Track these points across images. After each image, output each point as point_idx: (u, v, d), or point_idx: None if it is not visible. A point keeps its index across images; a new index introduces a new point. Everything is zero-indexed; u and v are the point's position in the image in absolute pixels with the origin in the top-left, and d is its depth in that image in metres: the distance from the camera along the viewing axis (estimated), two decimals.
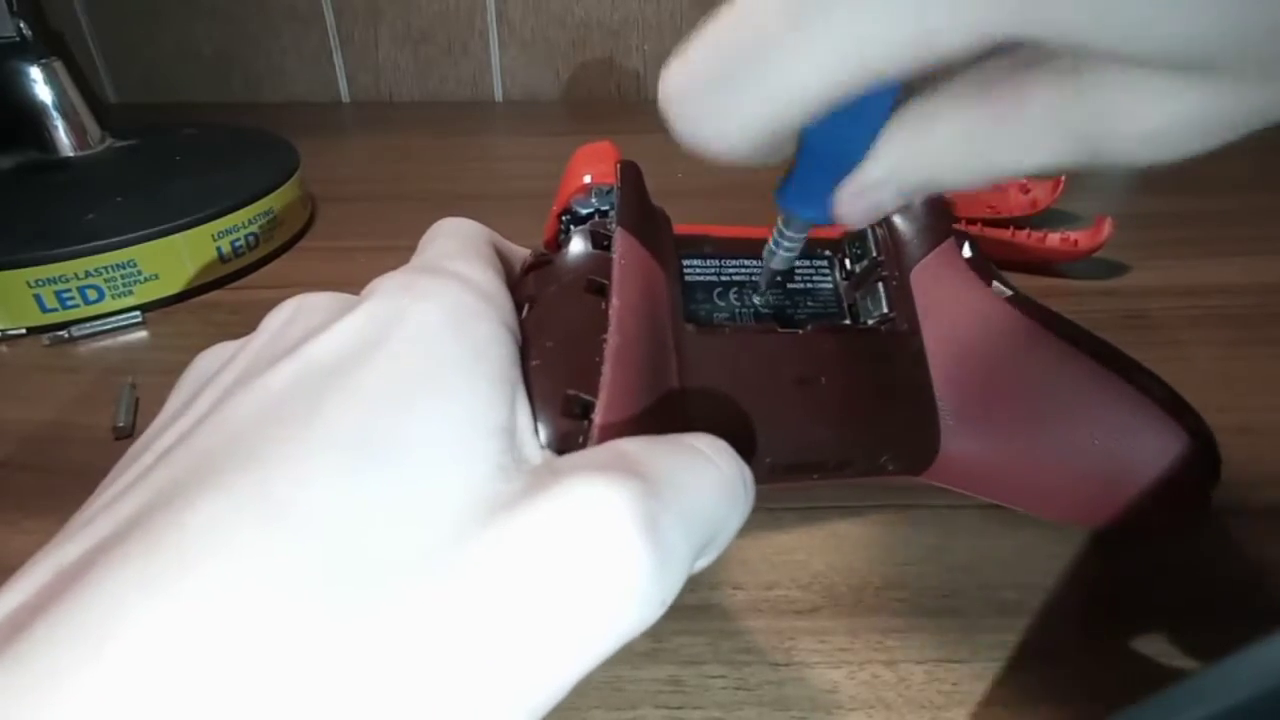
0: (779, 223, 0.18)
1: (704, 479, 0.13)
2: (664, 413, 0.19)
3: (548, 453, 0.14)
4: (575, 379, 0.16)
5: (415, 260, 0.16)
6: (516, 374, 0.14)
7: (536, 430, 0.15)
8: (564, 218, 0.20)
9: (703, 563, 0.13)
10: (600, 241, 0.19)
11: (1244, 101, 0.10)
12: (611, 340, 0.17)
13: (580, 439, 0.15)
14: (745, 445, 0.21)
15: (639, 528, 0.11)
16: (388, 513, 0.11)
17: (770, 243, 0.19)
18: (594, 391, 0.16)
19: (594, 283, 0.18)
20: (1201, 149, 0.10)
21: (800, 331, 0.22)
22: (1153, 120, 0.10)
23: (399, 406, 0.12)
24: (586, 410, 0.16)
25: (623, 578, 0.11)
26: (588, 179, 0.20)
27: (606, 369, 0.16)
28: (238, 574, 0.10)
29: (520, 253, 0.20)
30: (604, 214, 0.20)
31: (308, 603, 0.10)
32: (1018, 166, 0.12)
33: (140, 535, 0.10)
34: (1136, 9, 0.08)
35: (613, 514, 0.11)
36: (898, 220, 0.24)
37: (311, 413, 0.11)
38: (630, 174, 0.21)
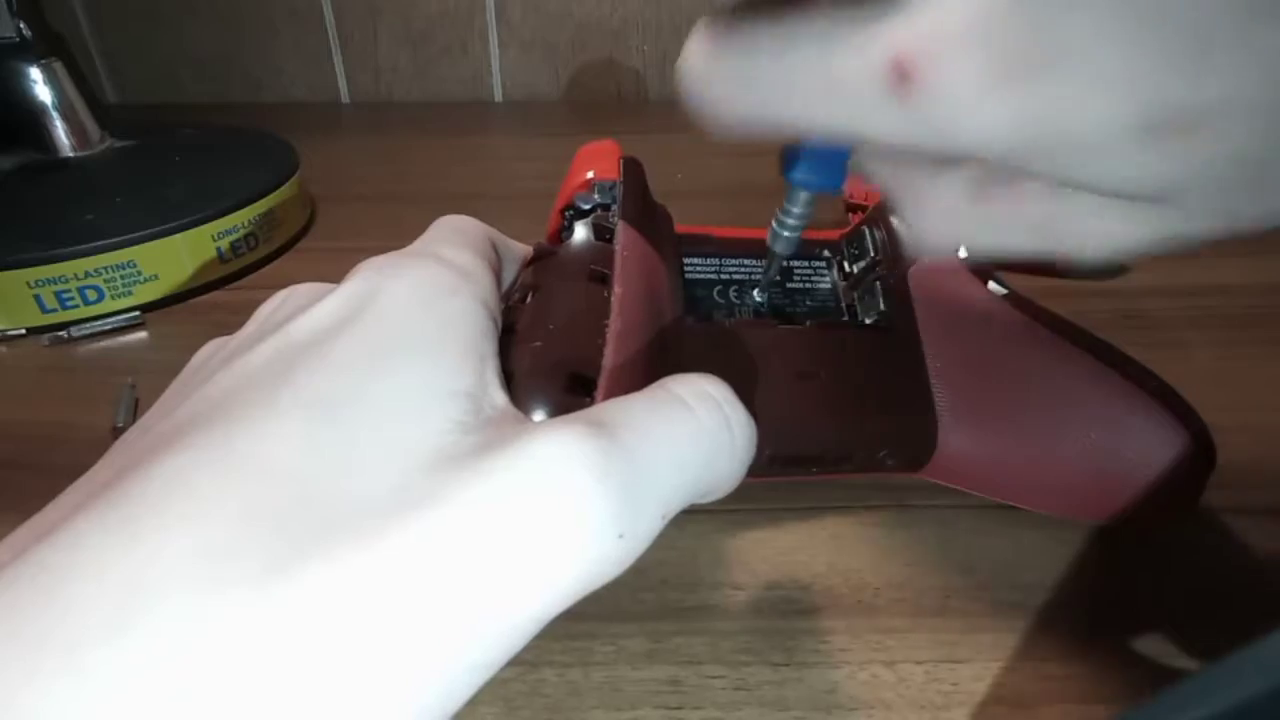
0: (783, 203, 0.18)
1: (677, 424, 0.13)
2: None
3: (524, 418, 0.14)
4: (578, 360, 0.16)
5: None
6: (489, 347, 0.14)
7: (533, 407, 0.15)
8: (567, 213, 0.20)
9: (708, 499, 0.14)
10: (603, 234, 0.19)
11: (1192, 229, 0.11)
12: (614, 324, 0.17)
13: None
14: None
15: (585, 464, 0.11)
16: (343, 464, 0.11)
17: (774, 224, 0.19)
18: (596, 372, 0.16)
19: (596, 272, 0.18)
20: (1153, 254, 0.12)
21: (801, 327, 0.22)
22: (1116, 237, 0.12)
23: (363, 371, 0.12)
24: (589, 388, 0.16)
25: (570, 513, 0.11)
26: (590, 175, 0.21)
27: (609, 351, 0.17)
28: (194, 519, 0.10)
29: (520, 249, 0.20)
30: (606, 208, 0.20)
31: (258, 545, 0.10)
32: (990, 247, 0.13)
33: (108, 491, 0.11)
34: (1104, 167, 0.10)
35: (559, 453, 0.11)
36: (896, 220, 0.24)
37: (280, 380, 0.12)
38: (633, 169, 0.21)
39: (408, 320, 0.13)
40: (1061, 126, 0.10)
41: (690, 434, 0.13)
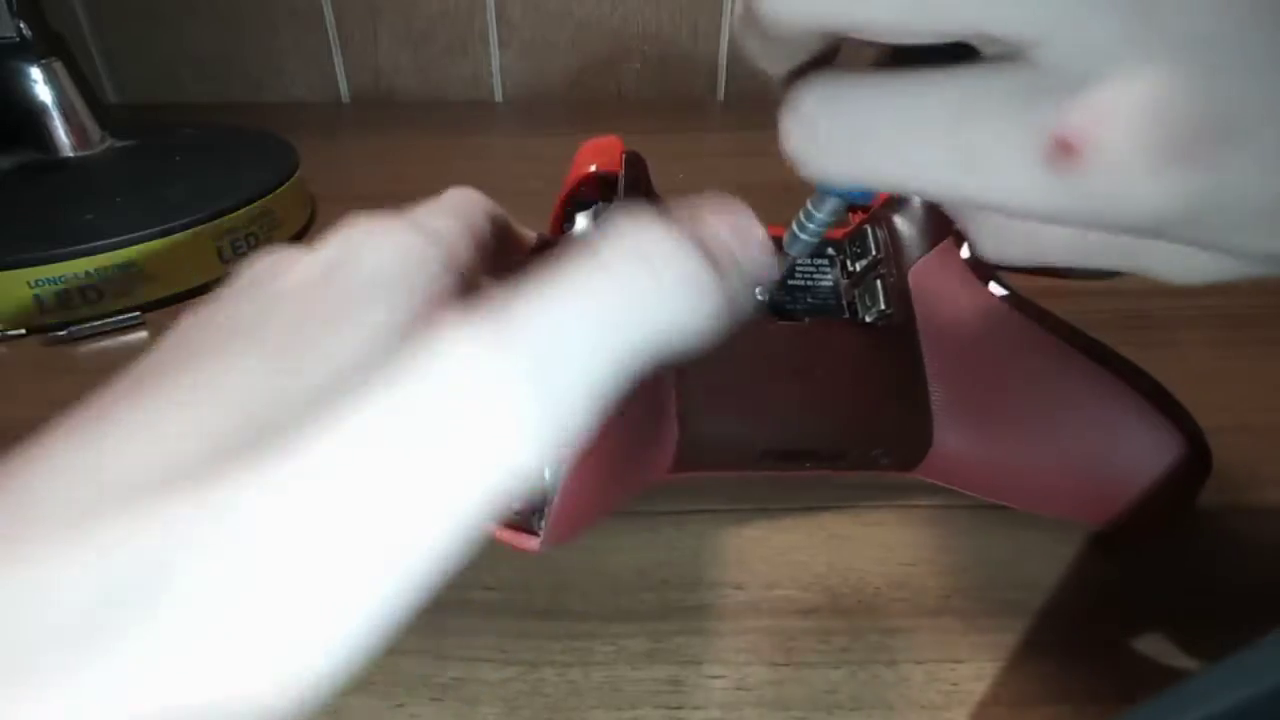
0: (807, 206, 0.18)
1: (588, 288, 0.12)
2: (659, 391, 0.19)
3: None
4: None
5: None
6: (447, 302, 0.14)
7: None
8: (570, 206, 0.20)
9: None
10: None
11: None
12: None
13: None
14: (739, 431, 0.21)
15: (486, 349, 0.11)
16: (283, 394, 0.12)
17: (793, 227, 0.19)
18: None
19: None
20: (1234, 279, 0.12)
21: (799, 323, 0.22)
22: (1209, 271, 0.12)
23: (320, 321, 0.13)
24: None
25: (480, 406, 0.11)
26: (593, 169, 0.21)
27: None
28: (155, 438, 0.11)
29: (528, 236, 0.20)
30: (608, 202, 0.20)
31: (211, 459, 0.11)
32: (1071, 262, 0.13)
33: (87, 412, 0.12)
34: (1255, 237, 0.11)
35: (461, 351, 0.11)
36: (898, 220, 0.24)
37: (250, 330, 0.13)
38: (634, 163, 0.21)
39: (369, 281, 0.14)
40: (1225, 201, 0.10)
41: (604, 293, 0.12)
